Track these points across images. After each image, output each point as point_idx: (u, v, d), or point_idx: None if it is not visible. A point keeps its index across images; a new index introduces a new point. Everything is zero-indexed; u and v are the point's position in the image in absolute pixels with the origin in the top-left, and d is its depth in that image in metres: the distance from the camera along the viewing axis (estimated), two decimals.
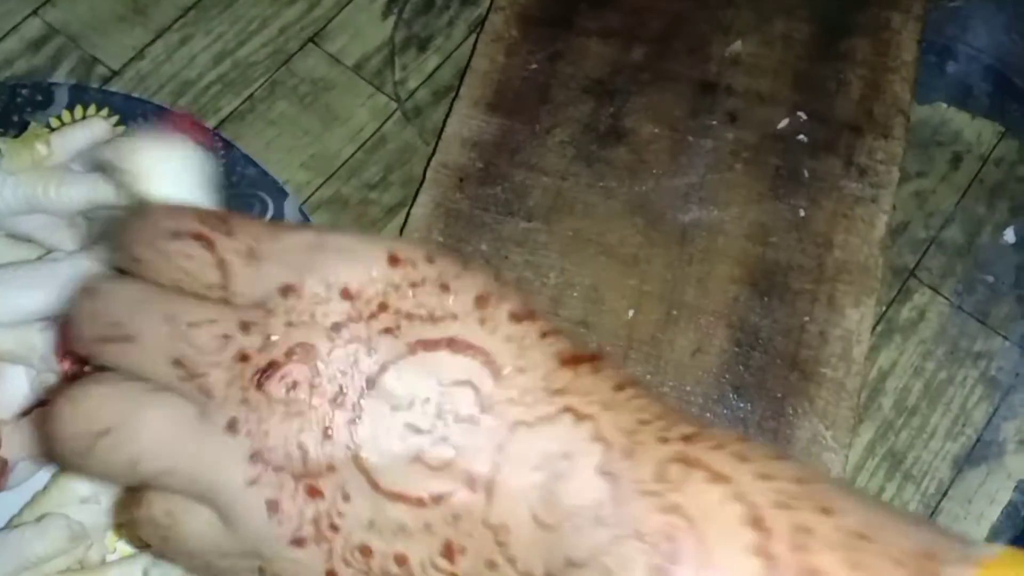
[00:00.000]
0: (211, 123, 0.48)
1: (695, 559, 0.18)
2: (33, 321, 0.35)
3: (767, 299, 0.41)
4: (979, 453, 0.45)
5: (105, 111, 0.43)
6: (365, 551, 0.20)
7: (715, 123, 0.45)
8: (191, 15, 0.51)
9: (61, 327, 0.35)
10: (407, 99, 0.50)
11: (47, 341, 0.35)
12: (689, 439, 0.20)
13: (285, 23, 0.51)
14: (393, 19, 0.52)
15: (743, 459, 0.19)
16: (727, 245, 0.41)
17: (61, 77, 0.50)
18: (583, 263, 0.43)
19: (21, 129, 0.42)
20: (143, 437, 0.21)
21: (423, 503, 0.20)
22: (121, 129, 0.43)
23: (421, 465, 0.20)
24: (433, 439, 0.20)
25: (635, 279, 0.42)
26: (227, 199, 0.42)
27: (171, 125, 0.27)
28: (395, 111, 0.49)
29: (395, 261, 0.22)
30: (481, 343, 0.21)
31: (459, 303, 0.22)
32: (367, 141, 0.49)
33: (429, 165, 0.45)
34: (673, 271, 0.42)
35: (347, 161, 0.48)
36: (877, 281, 0.42)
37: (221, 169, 0.42)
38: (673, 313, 0.41)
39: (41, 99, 0.44)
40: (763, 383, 0.40)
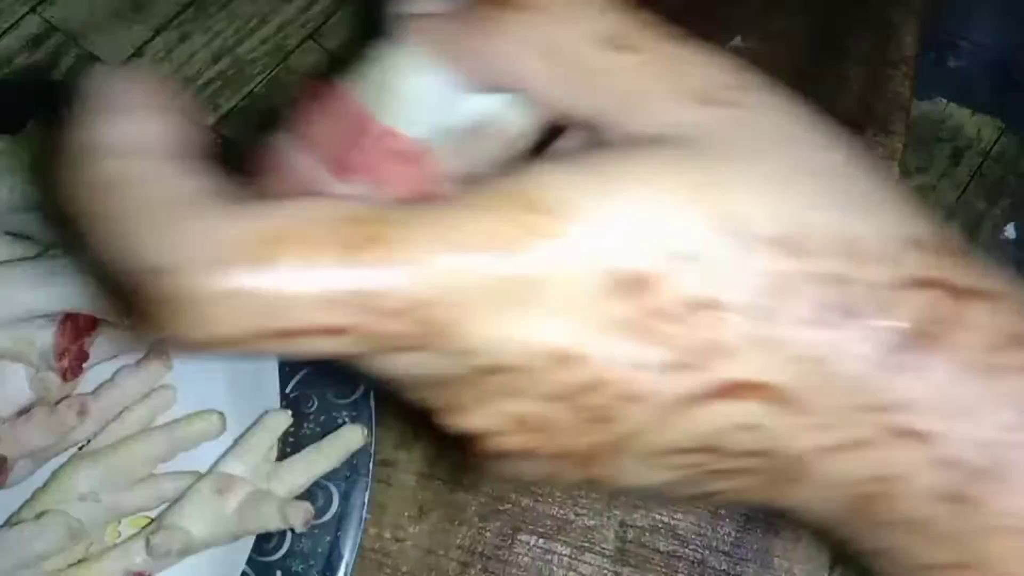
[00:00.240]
0: (210, 120, 0.48)
1: None
2: (32, 319, 0.35)
3: None
4: None
5: None
6: None
7: None
8: (190, 12, 0.51)
9: (60, 324, 0.35)
10: None
11: (46, 339, 0.35)
12: None
13: (284, 20, 0.51)
14: None
15: None
16: None
17: (60, 75, 0.50)
18: None
19: (19, 127, 0.42)
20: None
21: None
22: None
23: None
24: (702, 471, 0.20)
25: None
26: None
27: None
28: None
29: (619, 289, 0.19)
30: (763, 376, 0.19)
31: (726, 327, 0.20)
32: None
33: None
34: None
35: None
36: None
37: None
38: None
39: (40, 97, 0.44)
40: None
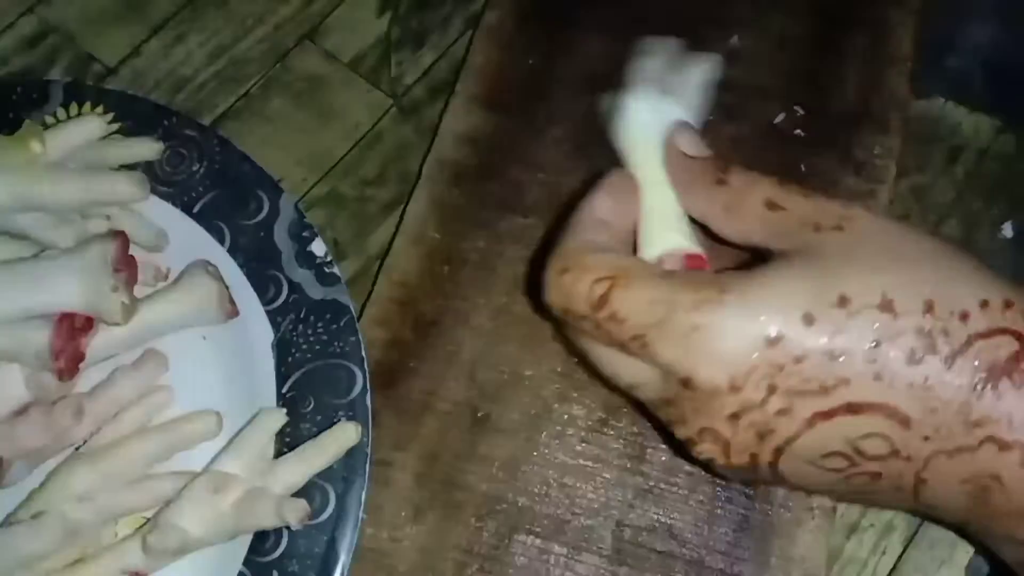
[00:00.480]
0: (207, 120, 0.48)
1: None
2: (28, 319, 0.35)
3: None
4: None
5: (100, 108, 0.43)
6: None
7: (712, 118, 0.44)
8: (187, 12, 0.51)
9: (57, 325, 0.35)
10: (403, 95, 0.50)
11: (42, 339, 0.35)
12: None
13: (281, 20, 0.51)
14: (389, 15, 0.51)
15: None
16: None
17: (57, 74, 0.50)
18: None
19: (15, 126, 0.41)
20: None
21: None
22: (116, 126, 0.43)
23: (843, 482, 0.23)
24: (849, 474, 0.23)
25: None
26: (223, 197, 0.42)
27: None
28: (391, 108, 0.49)
29: (773, 342, 0.23)
30: (879, 399, 0.22)
31: (847, 365, 0.22)
32: (363, 138, 0.48)
33: (425, 162, 0.45)
34: None
35: (343, 158, 0.48)
36: None
37: (217, 167, 0.42)
38: None
39: (36, 96, 0.44)
40: None
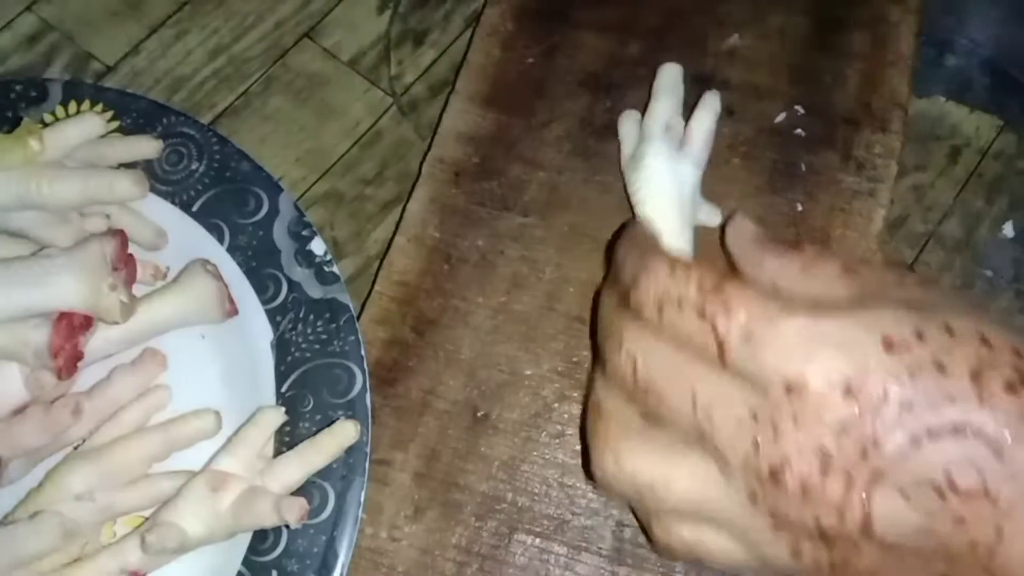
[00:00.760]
0: (206, 119, 0.48)
1: None
2: (27, 318, 0.35)
3: None
4: None
5: (99, 107, 0.43)
6: None
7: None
8: (186, 10, 0.51)
9: (55, 324, 0.35)
10: (403, 94, 0.49)
11: (41, 338, 0.35)
12: None
13: (280, 18, 0.51)
14: (389, 14, 0.51)
15: None
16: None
17: (55, 73, 0.49)
18: (579, 258, 0.42)
19: (14, 125, 0.41)
20: (678, 489, 0.26)
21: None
22: (115, 125, 0.43)
23: (926, 534, 0.23)
24: (936, 516, 0.22)
25: None
26: (221, 195, 0.42)
27: None
28: (391, 106, 0.49)
29: (890, 345, 0.23)
30: (980, 423, 0.22)
31: (955, 383, 0.23)
32: (363, 136, 0.48)
33: (425, 160, 0.45)
34: None
35: (342, 157, 0.48)
36: None
37: (216, 165, 0.42)
38: None
39: (35, 95, 0.44)
40: None
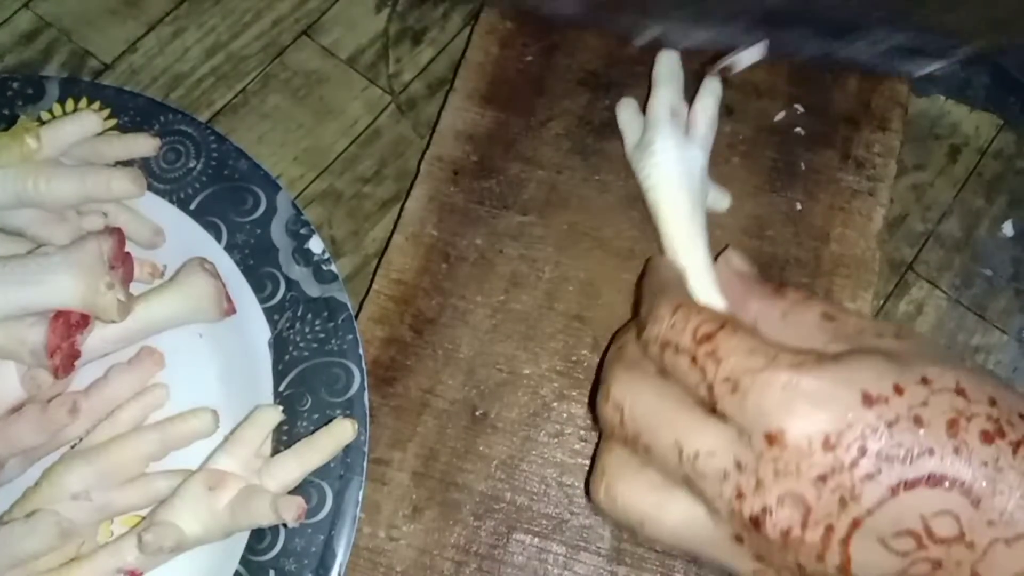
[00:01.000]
0: (204, 116, 0.48)
1: None
2: (23, 316, 0.35)
3: None
4: None
5: (97, 104, 0.43)
6: None
7: None
8: (184, 8, 0.51)
9: (52, 322, 0.35)
10: (401, 92, 0.49)
11: (38, 336, 0.35)
12: None
13: (278, 16, 0.51)
14: (387, 12, 0.51)
15: None
16: (723, 239, 0.41)
17: (53, 70, 0.49)
18: (578, 257, 0.42)
19: (11, 123, 0.41)
20: (667, 525, 0.28)
21: None
22: (112, 122, 0.42)
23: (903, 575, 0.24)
24: (914, 560, 0.23)
25: (630, 273, 0.42)
26: (219, 193, 0.42)
27: None
28: (389, 104, 0.49)
29: (868, 400, 0.24)
30: (957, 474, 0.23)
31: (932, 435, 0.23)
32: (361, 135, 0.48)
33: (423, 158, 0.45)
34: None
35: (341, 155, 0.48)
36: (874, 275, 0.41)
37: (213, 163, 0.42)
38: None
39: (32, 92, 0.43)
40: None
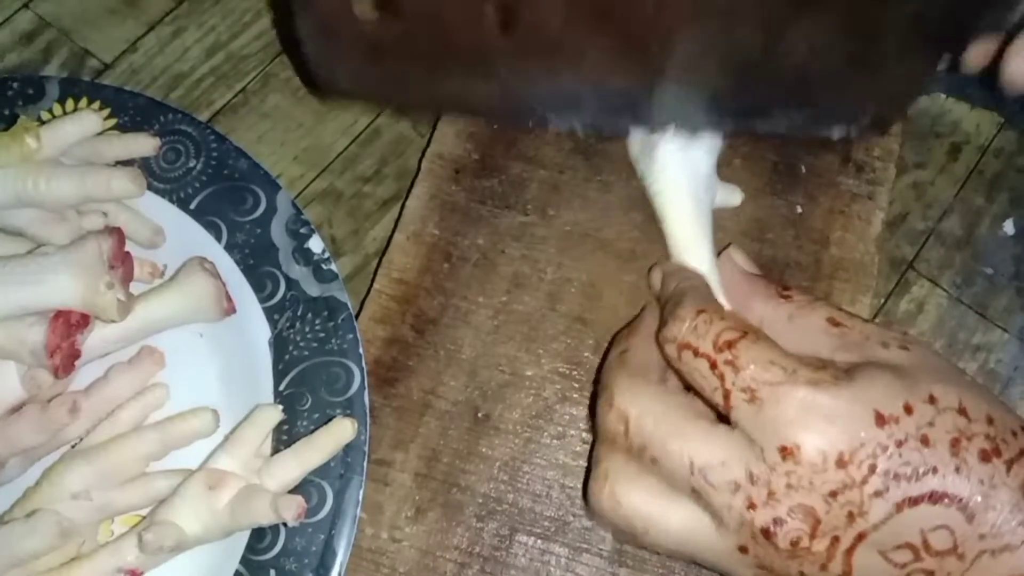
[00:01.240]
0: (204, 116, 0.48)
1: None
2: (23, 316, 0.35)
3: None
4: None
5: (96, 104, 0.43)
6: None
7: None
8: (183, 7, 0.51)
9: (52, 322, 0.35)
10: None
11: (38, 336, 0.35)
12: None
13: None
14: None
15: None
16: (723, 241, 0.41)
17: (53, 70, 0.49)
18: (581, 258, 0.42)
19: (11, 123, 0.41)
20: (672, 534, 0.28)
21: None
22: (112, 122, 0.42)
23: None
24: (910, 571, 0.25)
25: (632, 274, 0.42)
26: (219, 193, 0.42)
27: None
28: None
29: (881, 420, 0.25)
30: (956, 491, 0.24)
31: (936, 454, 0.25)
32: (361, 134, 0.48)
33: (424, 157, 0.44)
34: None
35: (341, 154, 0.48)
36: (873, 279, 0.41)
37: (213, 163, 0.42)
38: None
39: (32, 92, 0.43)
40: None
